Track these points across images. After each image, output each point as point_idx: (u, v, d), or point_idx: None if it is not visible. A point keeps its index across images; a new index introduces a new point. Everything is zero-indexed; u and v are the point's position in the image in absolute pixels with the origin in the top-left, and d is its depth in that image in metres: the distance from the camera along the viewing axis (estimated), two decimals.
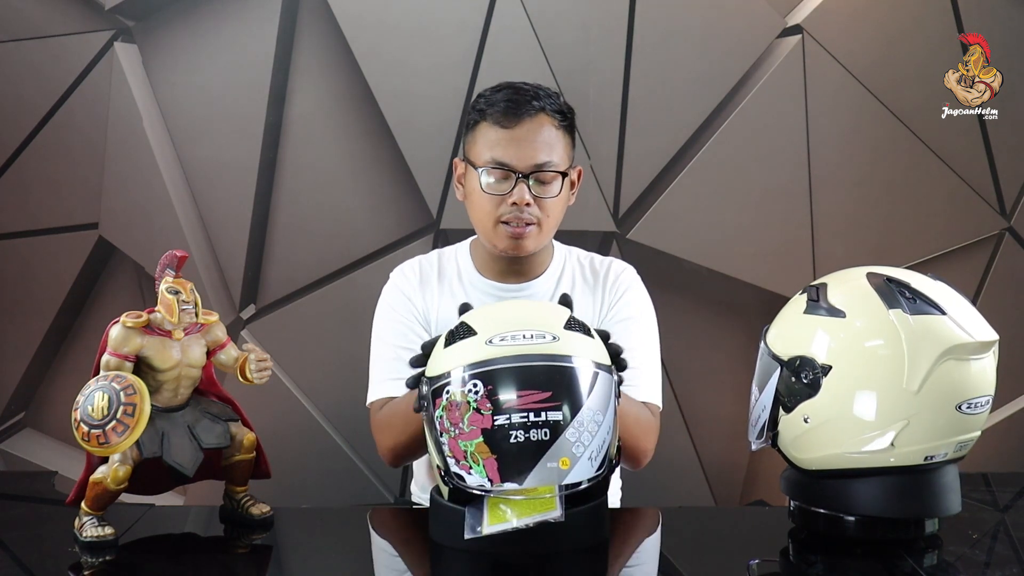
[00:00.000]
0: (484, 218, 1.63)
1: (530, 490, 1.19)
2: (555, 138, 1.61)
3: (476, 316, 1.28)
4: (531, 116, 1.60)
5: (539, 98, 1.61)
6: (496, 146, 1.60)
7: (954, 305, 1.30)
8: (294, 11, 2.47)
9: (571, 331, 1.24)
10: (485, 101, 1.63)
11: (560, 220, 1.67)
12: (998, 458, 2.58)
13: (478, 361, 1.20)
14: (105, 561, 1.30)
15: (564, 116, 1.64)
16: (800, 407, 1.33)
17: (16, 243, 2.51)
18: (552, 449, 1.16)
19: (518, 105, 1.60)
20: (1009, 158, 2.59)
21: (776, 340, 1.38)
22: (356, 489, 2.51)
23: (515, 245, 1.63)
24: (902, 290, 1.30)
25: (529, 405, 1.16)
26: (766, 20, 2.52)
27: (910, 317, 1.27)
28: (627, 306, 1.73)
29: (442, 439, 1.21)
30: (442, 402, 1.21)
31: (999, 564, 1.33)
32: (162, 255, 1.34)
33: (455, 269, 1.75)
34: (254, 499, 1.44)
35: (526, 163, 1.59)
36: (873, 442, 1.29)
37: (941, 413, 1.27)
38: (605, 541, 1.31)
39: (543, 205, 1.61)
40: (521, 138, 1.59)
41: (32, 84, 2.47)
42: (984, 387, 1.29)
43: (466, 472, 1.19)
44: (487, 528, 1.19)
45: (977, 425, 1.30)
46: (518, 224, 1.61)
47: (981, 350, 1.29)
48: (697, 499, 2.56)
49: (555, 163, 1.60)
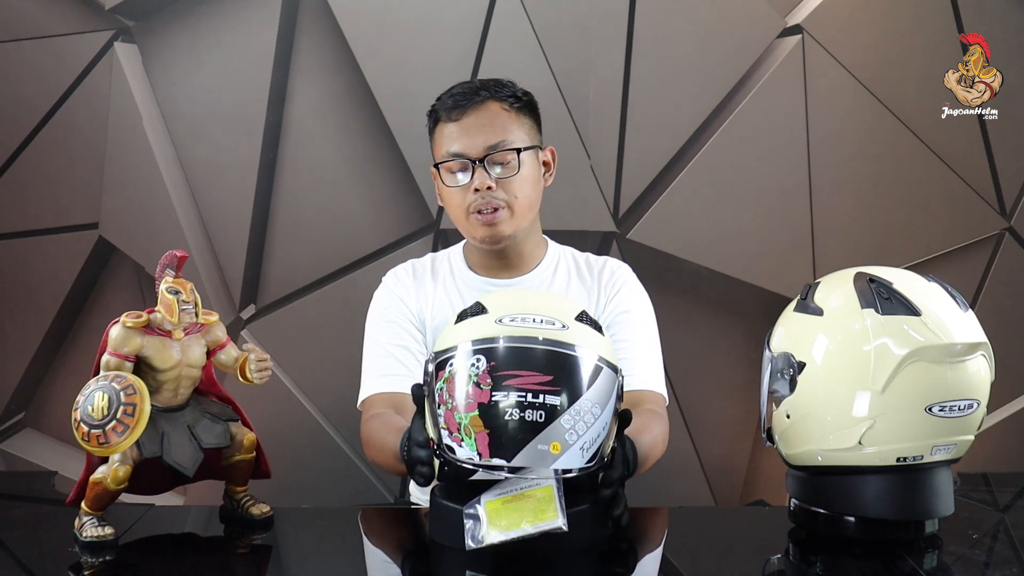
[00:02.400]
0: (457, 213, 1.67)
1: (527, 493, 1.20)
2: (507, 119, 1.65)
3: (491, 298, 1.29)
4: (477, 104, 1.64)
5: (486, 88, 1.66)
6: (449, 140, 1.64)
7: (936, 307, 1.29)
8: (294, 11, 2.47)
9: (581, 323, 1.25)
10: (438, 103, 1.69)
11: (534, 201, 1.68)
12: (998, 458, 2.58)
13: (484, 337, 1.21)
14: (105, 561, 1.30)
15: (517, 99, 1.67)
16: (784, 403, 1.36)
17: (16, 243, 2.51)
18: (545, 432, 1.17)
19: (464, 97, 1.64)
20: (1009, 158, 2.59)
21: (772, 337, 1.41)
22: (356, 489, 2.51)
23: (490, 232, 1.65)
24: (881, 290, 1.30)
25: (528, 386, 1.17)
26: (766, 20, 2.52)
27: (881, 317, 1.28)
28: (624, 300, 1.73)
29: (439, 411, 1.22)
30: (444, 374, 1.22)
31: (999, 564, 1.33)
32: (162, 255, 1.34)
33: (448, 268, 1.77)
34: (254, 499, 1.44)
35: (478, 148, 1.62)
36: (840, 440, 1.30)
37: (909, 414, 1.27)
38: (605, 541, 1.31)
39: (507, 186, 1.63)
40: (470, 126, 1.63)
41: (32, 84, 2.47)
42: (964, 390, 1.28)
43: (457, 444, 1.20)
44: (488, 538, 1.19)
45: (960, 428, 1.29)
46: (487, 209, 1.63)
47: (962, 352, 1.27)
48: (697, 499, 2.56)
49: (509, 142, 1.63)
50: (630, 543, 1.36)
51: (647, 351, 1.71)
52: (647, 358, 1.70)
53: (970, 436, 1.31)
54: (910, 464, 1.29)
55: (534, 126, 1.69)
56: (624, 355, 1.66)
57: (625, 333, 1.70)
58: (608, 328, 1.69)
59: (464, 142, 1.63)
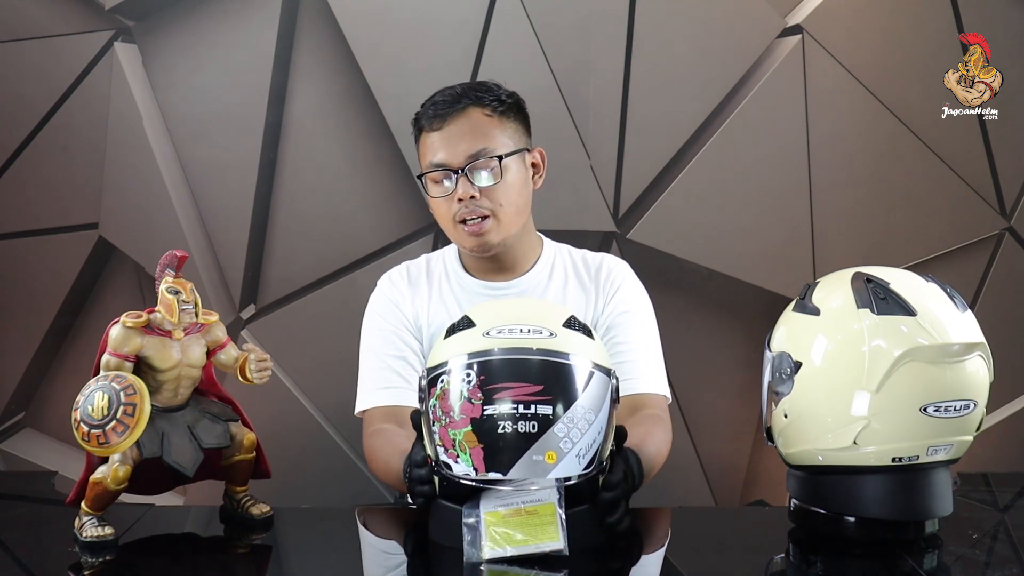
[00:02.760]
0: (445, 223, 1.66)
1: (528, 509, 1.20)
2: (489, 125, 1.62)
3: (478, 310, 1.29)
4: (457, 112, 1.62)
5: (466, 94, 1.63)
6: (431, 150, 1.63)
7: (933, 307, 1.28)
8: (294, 11, 2.47)
9: (570, 329, 1.25)
10: (420, 112, 1.67)
11: (522, 206, 1.66)
12: (998, 458, 2.58)
13: (472, 351, 1.21)
14: (105, 561, 1.30)
15: (500, 102, 1.64)
16: (781, 403, 1.35)
17: (16, 243, 2.51)
18: (539, 443, 1.17)
19: (444, 106, 1.62)
20: (1009, 158, 2.59)
21: (772, 337, 1.41)
22: (356, 489, 2.51)
23: (478, 242, 1.63)
24: (878, 290, 1.30)
25: (519, 397, 1.17)
26: (766, 20, 2.52)
27: (876, 317, 1.27)
28: (624, 300, 1.72)
29: (434, 428, 1.22)
30: (436, 391, 1.22)
31: (999, 564, 1.32)
32: (162, 255, 1.34)
33: (443, 271, 1.75)
34: (254, 499, 1.44)
35: (459, 157, 1.60)
36: (836, 440, 1.30)
37: (904, 414, 1.26)
38: (605, 541, 1.31)
39: (492, 194, 1.61)
40: (451, 135, 1.61)
41: (32, 84, 2.47)
42: (960, 391, 1.27)
43: (453, 460, 1.20)
44: (486, 554, 1.20)
45: (957, 429, 1.28)
46: (472, 219, 1.61)
47: (958, 353, 1.27)
48: (697, 499, 2.55)
49: (491, 149, 1.61)
50: (630, 543, 1.35)
51: (648, 352, 1.70)
52: (648, 359, 1.69)
53: (968, 437, 1.30)
54: (907, 464, 1.28)
55: (519, 129, 1.67)
56: (626, 358, 1.66)
57: (625, 335, 1.69)
58: (608, 329, 1.69)
59: (446, 152, 1.61)
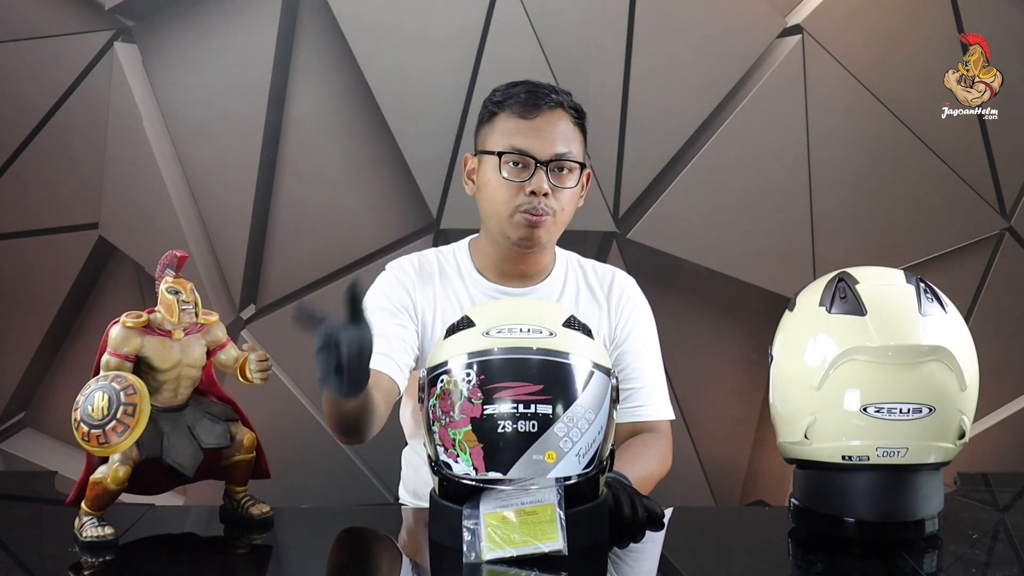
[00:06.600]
0: (501, 208, 1.62)
1: (528, 510, 1.20)
2: (572, 132, 1.64)
3: (477, 310, 1.30)
4: (550, 108, 1.62)
5: (557, 92, 1.65)
6: (516, 135, 1.61)
7: (890, 309, 1.28)
8: (294, 11, 2.47)
9: (570, 329, 1.25)
10: (502, 94, 1.65)
11: (571, 217, 1.68)
12: (998, 458, 2.58)
13: (472, 351, 1.21)
14: (105, 561, 1.30)
15: (579, 113, 1.67)
16: (770, 395, 1.40)
17: (16, 243, 2.51)
18: (539, 442, 1.17)
19: (538, 97, 1.62)
20: (1009, 158, 2.59)
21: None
22: (356, 489, 2.51)
23: (530, 235, 1.62)
24: (840, 289, 1.31)
25: (519, 396, 1.17)
26: (766, 20, 2.52)
27: (828, 315, 1.30)
28: (636, 325, 1.74)
29: (434, 427, 1.22)
30: (436, 391, 1.22)
31: (999, 564, 1.33)
32: (162, 255, 1.34)
33: (455, 269, 1.73)
34: (254, 499, 1.44)
35: (546, 152, 1.60)
36: (791, 434, 1.34)
37: (844, 413, 1.27)
38: (605, 541, 1.31)
39: (560, 197, 1.62)
40: (541, 128, 1.61)
41: (32, 84, 2.47)
42: (907, 394, 1.26)
43: (453, 460, 1.20)
44: (486, 555, 1.20)
45: (914, 433, 1.26)
46: (535, 212, 1.60)
47: (907, 355, 1.26)
48: (697, 499, 2.55)
49: (573, 154, 1.62)
50: (630, 543, 1.35)
51: (655, 376, 1.74)
52: (655, 383, 1.73)
53: (947, 444, 1.28)
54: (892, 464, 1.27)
55: (584, 143, 1.68)
56: (635, 384, 1.70)
57: (638, 361, 1.72)
58: (618, 351, 1.72)
59: (533, 142, 1.60)
